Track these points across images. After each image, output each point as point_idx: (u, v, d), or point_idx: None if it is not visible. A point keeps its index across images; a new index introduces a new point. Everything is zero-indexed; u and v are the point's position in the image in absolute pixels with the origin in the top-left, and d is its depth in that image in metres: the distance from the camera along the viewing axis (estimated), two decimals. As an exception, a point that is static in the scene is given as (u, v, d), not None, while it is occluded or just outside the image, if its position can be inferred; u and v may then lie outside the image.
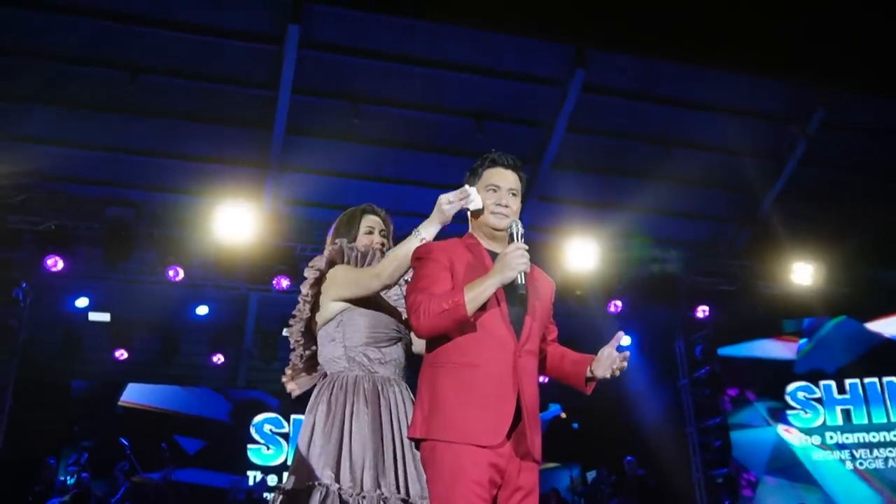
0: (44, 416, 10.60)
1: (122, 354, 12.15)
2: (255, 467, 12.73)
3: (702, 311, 11.74)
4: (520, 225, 2.81)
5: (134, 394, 12.69)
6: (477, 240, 2.95)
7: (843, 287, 11.55)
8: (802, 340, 12.19)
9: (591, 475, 12.97)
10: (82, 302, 11.23)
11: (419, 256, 2.89)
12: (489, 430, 2.61)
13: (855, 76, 8.84)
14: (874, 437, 11.53)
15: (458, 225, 3.11)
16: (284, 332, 11.43)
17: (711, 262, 11.68)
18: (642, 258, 11.13)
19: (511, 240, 2.77)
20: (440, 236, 3.09)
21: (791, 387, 11.94)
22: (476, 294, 2.66)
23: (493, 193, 2.93)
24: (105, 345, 12.07)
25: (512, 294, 2.75)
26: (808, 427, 11.72)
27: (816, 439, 11.66)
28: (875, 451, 11.46)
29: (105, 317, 11.60)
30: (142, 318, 11.85)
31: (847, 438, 11.60)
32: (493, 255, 2.82)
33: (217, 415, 13.02)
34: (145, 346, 12.31)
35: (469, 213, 3.03)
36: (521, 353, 2.74)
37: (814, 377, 11.93)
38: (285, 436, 12.98)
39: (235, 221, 9.39)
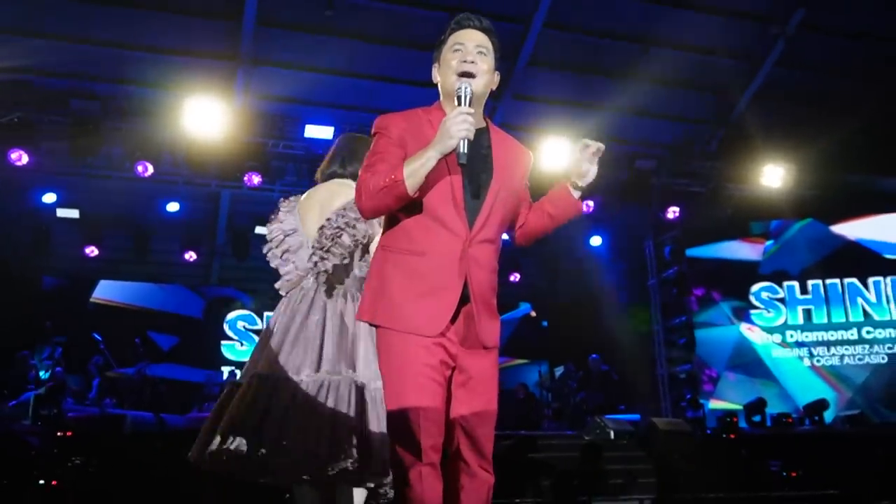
0: (15, 312, 10.56)
1: (92, 251, 12.07)
2: (228, 363, 12.90)
3: (672, 212, 11.85)
4: (468, 88, 2.54)
5: (106, 290, 12.68)
6: (443, 110, 2.68)
7: (811, 190, 11.67)
8: (769, 242, 12.42)
9: (558, 371, 13.32)
10: (50, 198, 11.06)
11: (374, 132, 2.69)
12: (430, 319, 2.53)
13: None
14: (832, 335, 11.92)
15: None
16: (258, 230, 11.29)
17: (684, 164, 11.71)
18: (616, 159, 11.12)
19: (459, 103, 2.52)
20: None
21: (755, 287, 12.24)
22: (415, 168, 2.47)
23: (458, 52, 2.65)
24: (75, 241, 11.97)
25: (471, 180, 2.60)
26: (770, 326, 12.08)
27: (777, 337, 12.03)
28: (832, 349, 11.88)
29: (74, 213, 11.45)
30: (112, 215, 11.73)
31: (806, 337, 11.99)
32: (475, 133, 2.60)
33: (190, 311, 13.08)
34: (116, 242, 12.23)
35: (438, 79, 2.75)
36: (472, 244, 2.57)
37: (778, 278, 12.22)
38: (258, 332, 13.10)
39: (205, 116, 9.21)
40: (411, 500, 2.45)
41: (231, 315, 13.14)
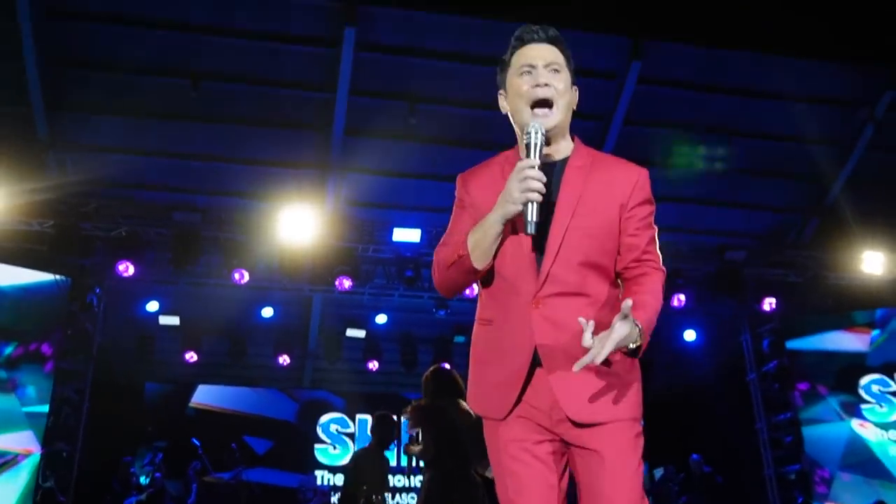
0: (119, 418, 10.92)
1: (191, 357, 12.45)
2: (322, 467, 12.93)
3: (768, 304, 11.46)
4: (539, 133, 2.11)
5: (204, 395, 13.01)
6: (519, 153, 2.29)
7: (916, 276, 11.17)
8: (875, 332, 11.82)
9: (658, 473, 12.80)
10: (153, 306, 11.54)
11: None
12: (499, 396, 2.17)
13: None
14: (955, 431, 11.14)
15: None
16: (349, 333, 11.64)
17: (778, 254, 11.41)
18: (705, 251, 10.94)
19: (528, 153, 2.12)
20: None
21: (864, 380, 11.58)
22: (477, 239, 2.13)
23: (528, 76, 2.22)
24: (175, 347, 12.39)
25: (539, 228, 2.10)
26: (884, 421, 11.36)
27: (893, 434, 11.29)
28: (956, 446, 11.08)
29: (175, 320, 11.89)
30: (210, 321, 12.11)
31: (926, 433, 11.23)
32: (543, 168, 2.10)
33: (284, 415, 13.25)
34: (214, 348, 12.60)
35: (507, 109, 2.34)
36: (542, 300, 2.13)
37: (889, 370, 11.55)
38: (351, 435, 13.14)
39: (298, 223, 9.56)
40: None
41: (324, 418, 13.23)
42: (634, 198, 2.29)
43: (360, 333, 12.64)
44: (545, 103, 2.20)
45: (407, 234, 10.14)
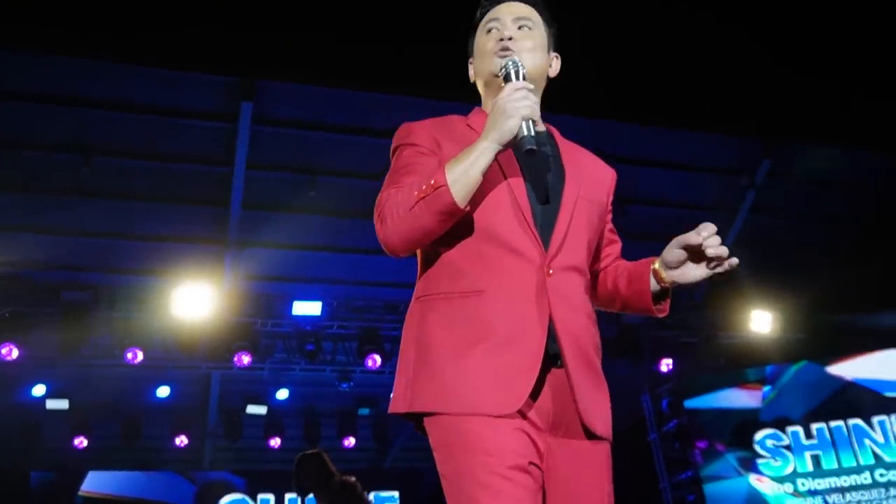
0: (1, 512, 10.23)
1: (81, 442, 11.85)
2: (222, 553, 12.37)
3: (665, 365, 11.80)
4: (517, 62, 1.85)
5: (94, 482, 12.32)
6: (486, 112, 1.95)
7: (800, 333, 11.72)
8: (766, 388, 12.28)
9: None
10: (39, 390, 10.98)
11: (395, 146, 2.00)
12: (503, 387, 1.70)
13: (798, 125, 9.14)
14: (845, 481, 11.54)
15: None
16: (249, 409, 11.42)
17: (672, 315, 11.71)
18: (602, 317, 11.19)
19: (507, 81, 1.83)
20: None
21: (759, 435, 11.96)
22: (464, 168, 1.72)
23: (493, 32, 1.98)
24: (64, 433, 11.77)
25: (536, 182, 1.85)
26: (780, 475, 11.71)
27: (789, 487, 11.65)
28: (848, 496, 11.47)
29: (63, 404, 11.31)
30: (101, 404, 11.59)
31: (819, 484, 11.60)
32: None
33: (181, 499, 12.66)
34: (106, 431, 12.03)
35: (475, 77, 2.11)
36: (553, 270, 1.80)
37: (780, 424, 11.97)
38: (253, 517, 12.66)
39: (194, 300, 9.36)
40: None
41: (224, 500, 12.68)
42: (611, 194, 2.14)
43: (262, 410, 12.32)
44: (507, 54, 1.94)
45: (307, 308, 10.03)
